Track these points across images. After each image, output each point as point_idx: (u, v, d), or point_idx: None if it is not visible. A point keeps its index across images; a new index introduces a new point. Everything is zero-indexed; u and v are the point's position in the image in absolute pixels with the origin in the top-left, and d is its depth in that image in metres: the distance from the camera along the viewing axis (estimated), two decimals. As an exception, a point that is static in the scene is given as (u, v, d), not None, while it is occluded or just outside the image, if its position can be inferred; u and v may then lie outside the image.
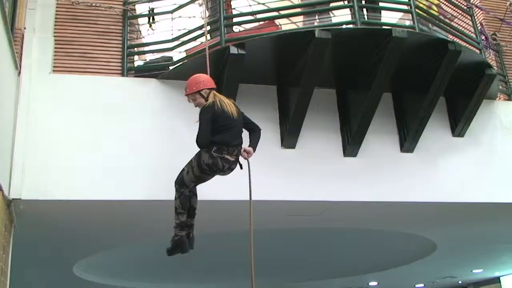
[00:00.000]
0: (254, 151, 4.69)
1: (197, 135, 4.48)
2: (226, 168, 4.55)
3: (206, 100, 4.63)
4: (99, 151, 5.63)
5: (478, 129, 7.00)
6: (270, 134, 6.11)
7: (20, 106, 5.43)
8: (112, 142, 5.70)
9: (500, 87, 7.46)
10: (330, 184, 6.20)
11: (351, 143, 6.26)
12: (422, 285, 16.64)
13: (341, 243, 10.10)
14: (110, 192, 5.56)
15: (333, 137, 6.39)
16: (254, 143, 4.78)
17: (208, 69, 5.03)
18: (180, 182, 4.64)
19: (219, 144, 4.47)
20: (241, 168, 4.65)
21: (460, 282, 16.36)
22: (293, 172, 6.12)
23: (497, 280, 15.51)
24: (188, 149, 4.83)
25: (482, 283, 16.43)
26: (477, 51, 6.84)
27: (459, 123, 6.83)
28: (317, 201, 6.22)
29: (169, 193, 5.58)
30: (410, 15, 6.10)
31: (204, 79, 4.73)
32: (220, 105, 4.54)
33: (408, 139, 6.50)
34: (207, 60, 5.12)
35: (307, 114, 6.01)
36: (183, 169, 4.64)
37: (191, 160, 4.60)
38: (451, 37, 6.58)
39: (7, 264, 5.17)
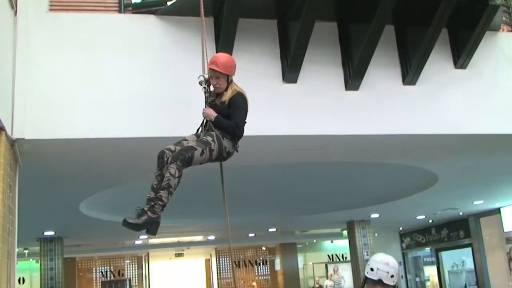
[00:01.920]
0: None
1: (239, 124, 4.22)
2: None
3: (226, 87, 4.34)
4: (100, 89, 5.61)
5: (481, 61, 6.93)
6: (271, 69, 6.08)
7: (19, 46, 5.37)
8: (112, 80, 5.67)
9: (504, 18, 7.33)
10: (332, 118, 6.20)
11: (353, 77, 6.22)
12: (423, 217, 16.90)
13: (343, 177, 10.21)
14: (113, 130, 5.57)
15: (335, 70, 6.34)
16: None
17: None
18: (187, 161, 4.10)
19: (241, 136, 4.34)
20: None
21: (461, 213, 16.60)
22: (294, 106, 6.12)
23: (497, 211, 15.72)
24: (187, 85, 4.79)
25: (483, 214, 16.67)
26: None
27: (461, 55, 6.75)
28: (319, 135, 6.25)
29: (171, 130, 5.63)
30: None
31: (235, 65, 4.40)
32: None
33: (410, 72, 6.46)
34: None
35: (308, 48, 5.93)
36: (194, 148, 4.12)
37: (208, 142, 4.16)
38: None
39: (15, 203, 5.26)
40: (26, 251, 16.02)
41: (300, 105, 6.13)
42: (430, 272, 20.30)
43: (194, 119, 4.49)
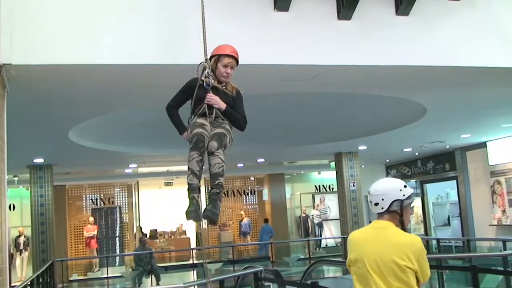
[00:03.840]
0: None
1: (244, 120, 4.43)
2: None
3: None
4: (89, 14, 5.46)
5: (475, -9, 6.83)
6: (262, -4, 5.95)
7: (2, -33, 5.20)
8: (102, 4, 5.53)
9: None
10: (323, 47, 6.13)
11: (346, 6, 6.10)
12: (410, 149, 17.10)
13: (332, 108, 10.24)
14: (104, 56, 5.46)
15: (328, -1, 6.23)
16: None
17: None
18: (225, 147, 4.16)
19: None
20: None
21: (447, 146, 16.80)
22: (285, 35, 6.02)
23: (483, 145, 15.91)
24: (180, 11, 4.68)
25: (469, 148, 16.89)
26: None
27: (456, -15, 6.65)
28: (309, 64, 6.19)
29: (163, 58, 5.56)
30: None
31: None
32: None
33: (403, 2, 6.33)
34: None
35: (301, -25, 5.80)
36: (226, 136, 4.19)
37: (229, 131, 4.30)
38: None
39: (3, 129, 5.23)
40: (16, 178, 16.11)
41: (291, 34, 6.04)
42: (415, 203, 20.74)
43: (187, 48, 4.43)
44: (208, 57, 4.33)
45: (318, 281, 5.17)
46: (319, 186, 23.26)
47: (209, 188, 4.06)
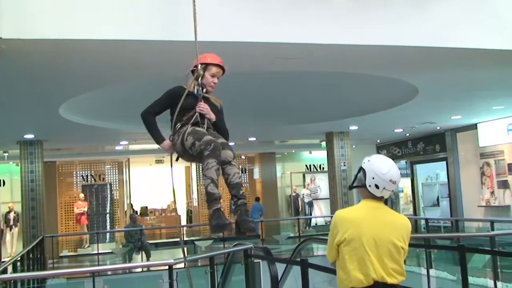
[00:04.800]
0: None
1: (228, 134, 4.27)
2: None
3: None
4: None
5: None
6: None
7: None
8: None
9: None
10: (316, 26, 6.09)
11: (340, -15, 6.08)
12: (401, 130, 17.14)
13: (324, 88, 10.22)
14: (93, 31, 5.42)
15: (321, -23, 6.18)
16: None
17: None
18: None
19: None
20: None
21: (438, 128, 16.86)
22: (278, 13, 5.97)
23: (474, 126, 15.97)
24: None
25: (460, 129, 16.96)
26: None
27: (451, -35, 6.61)
28: (302, 43, 6.16)
29: (155, 33, 5.52)
30: None
31: None
32: None
33: (397, -19, 6.33)
34: None
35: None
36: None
37: None
38: None
39: (-7, 103, 5.20)
40: (6, 154, 16.05)
41: (283, 12, 5.99)
42: (404, 184, 20.89)
43: (180, 24, 4.37)
44: (198, 64, 4.12)
45: (307, 259, 5.21)
46: (310, 165, 23.33)
47: (234, 199, 3.96)
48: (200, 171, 21.77)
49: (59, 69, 6.84)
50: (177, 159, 4.21)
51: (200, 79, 4.08)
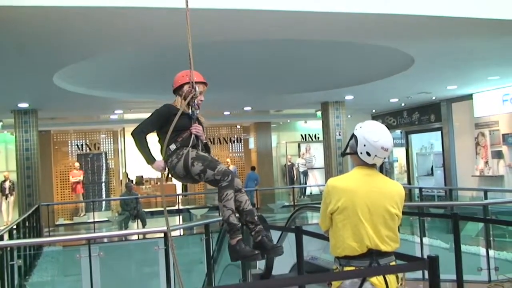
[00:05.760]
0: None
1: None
2: None
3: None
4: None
5: None
6: None
7: None
8: None
9: None
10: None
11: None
12: (396, 100, 17.13)
13: (320, 57, 10.17)
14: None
15: None
16: None
17: None
18: None
19: None
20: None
21: (433, 98, 16.84)
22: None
23: (469, 97, 15.96)
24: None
25: (455, 100, 16.94)
26: None
27: None
28: (297, 11, 6.12)
29: (148, 0, 5.46)
30: None
31: None
32: None
33: None
34: None
35: None
36: None
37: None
38: None
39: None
40: (1, 123, 15.98)
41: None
42: (399, 153, 20.97)
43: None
44: (183, 82, 4.08)
45: (302, 226, 5.25)
46: (305, 135, 23.35)
47: (250, 225, 3.90)
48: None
49: (51, 37, 6.78)
50: (166, 179, 4.17)
51: (195, 99, 4.01)
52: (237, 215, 3.83)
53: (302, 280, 3.86)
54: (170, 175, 4.12)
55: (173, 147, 3.98)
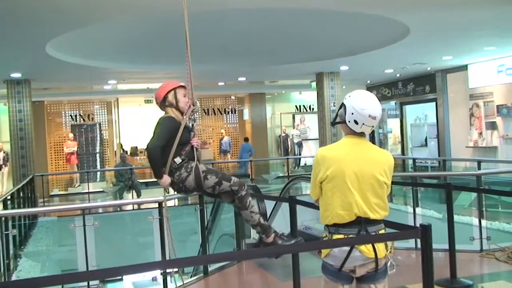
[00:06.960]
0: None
1: None
2: None
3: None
4: None
5: None
6: None
7: None
8: None
9: None
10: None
11: None
12: (391, 70, 17.07)
13: (315, 27, 10.08)
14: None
15: None
16: None
17: None
18: None
19: None
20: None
21: (428, 68, 16.79)
22: None
23: (464, 67, 15.92)
24: None
25: (450, 70, 16.91)
26: None
27: None
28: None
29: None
30: None
31: None
32: None
33: None
34: None
35: None
36: None
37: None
38: None
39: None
40: (-7, 94, 15.88)
41: None
42: (393, 124, 20.99)
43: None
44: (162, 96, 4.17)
45: (295, 196, 5.27)
46: (300, 106, 23.32)
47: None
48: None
49: (44, 6, 6.68)
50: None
51: (191, 111, 4.10)
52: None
53: (293, 249, 3.93)
54: (174, 190, 4.27)
55: (178, 160, 4.07)
